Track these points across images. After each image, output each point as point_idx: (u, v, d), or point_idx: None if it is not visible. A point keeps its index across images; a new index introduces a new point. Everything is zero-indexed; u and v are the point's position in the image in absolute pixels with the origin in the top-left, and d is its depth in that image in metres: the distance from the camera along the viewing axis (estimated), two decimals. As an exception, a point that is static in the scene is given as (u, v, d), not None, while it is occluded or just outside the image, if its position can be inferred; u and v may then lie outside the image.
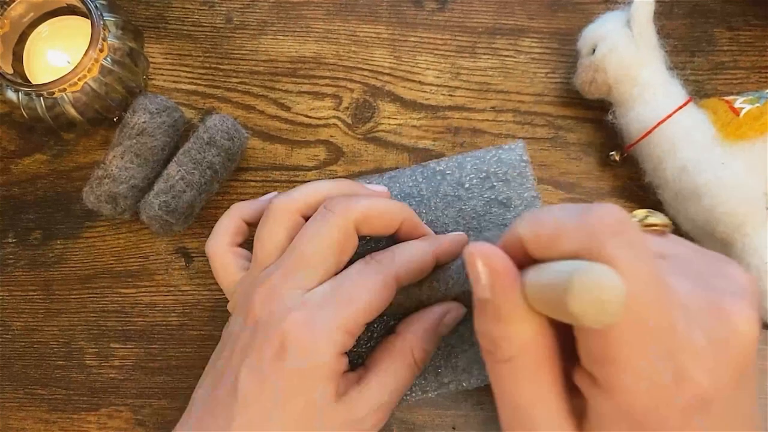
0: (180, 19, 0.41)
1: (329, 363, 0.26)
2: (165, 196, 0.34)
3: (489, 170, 0.34)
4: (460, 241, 0.29)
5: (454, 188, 0.34)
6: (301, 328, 0.25)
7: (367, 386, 0.27)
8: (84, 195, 0.35)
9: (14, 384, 0.36)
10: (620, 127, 0.35)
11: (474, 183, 0.34)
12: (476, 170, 0.34)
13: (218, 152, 0.35)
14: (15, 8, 0.35)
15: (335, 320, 0.25)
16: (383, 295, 0.26)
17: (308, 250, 0.27)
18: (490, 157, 0.34)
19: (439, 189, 0.34)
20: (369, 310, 0.26)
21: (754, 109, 0.32)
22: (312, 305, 0.26)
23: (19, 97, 0.34)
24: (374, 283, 0.26)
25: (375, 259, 0.27)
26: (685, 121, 0.32)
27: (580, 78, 0.35)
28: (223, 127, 0.35)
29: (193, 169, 0.34)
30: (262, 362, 0.25)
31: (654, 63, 0.34)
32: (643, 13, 0.33)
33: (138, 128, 0.35)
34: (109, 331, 0.37)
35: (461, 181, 0.34)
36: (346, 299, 0.26)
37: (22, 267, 0.38)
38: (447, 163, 0.34)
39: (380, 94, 0.39)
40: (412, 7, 0.40)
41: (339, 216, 0.27)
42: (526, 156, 0.34)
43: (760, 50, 0.38)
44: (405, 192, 0.34)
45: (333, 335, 0.25)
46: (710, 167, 0.31)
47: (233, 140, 0.35)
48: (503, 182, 0.33)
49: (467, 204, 0.33)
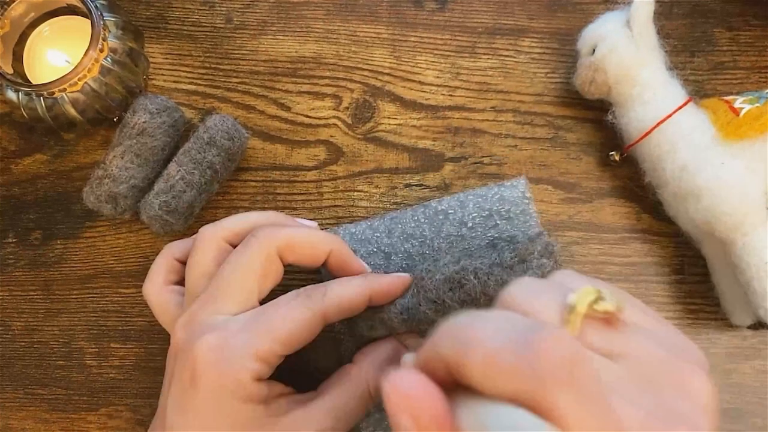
0: (180, 19, 0.41)
1: (243, 386, 0.25)
2: (165, 196, 0.34)
3: (492, 208, 0.33)
4: (400, 283, 0.29)
5: (456, 228, 0.33)
6: (211, 352, 0.25)
7: (313, 409, 0.27)
8: (84, 195, 0.35)
9: (14, 384, 0.36)
10: (620, 127, 0.35)
11: (477, 222, 0.33)
12: (479, 209, 0.33)
13: (218, 152, 0.35)
14: (15, 8, 0.35)
15: (249, 347, 0.25)
16: (307, 329, 0.26)
17: (229, 276, 0.27)
18: (492, 195, 0.33)
19: (442, 229, 0.33)
20: (288, 341, 0.26)
21: (754, 109, 0.32)
22: (228, 330, 0.25)
23: (19, 97, 0.34)
24: (299, 316, 0.26)
25: (306, 292, 0.27)
26: (685, 121, 0.32)
27: (579, 78, 0.35)
28: (223, 126, 0.35)
29: (193, 169, 0.34)
30: (181, 390, 0.25)
31: (654, 63, 0.34)
32: (643, 13, 0.33)
33: (138, 128, 0.35)
34: (109, 331, 0.37)
35: (464, 221, 0.33)
36: (265, 327, 0.25)
37: (22, 267, 0.38)
38: (449, 202, 0.33)
39: (380, 94, 0.39)
40: (412, 7, 0.40)
41: (261, 242, 0.27)
42: (529, 193, 0.33)
43: (760, 50, 0.38)
44: (407, 233, 0.33)
45: (245, 361, 0.25)
46: (710, 167, 0.31)
47: (233, 140, 0.35)
48: (506, 220, 0.33)
49: (471, 243, 0.33)
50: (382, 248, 0.33)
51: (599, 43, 0.34)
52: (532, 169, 0.37)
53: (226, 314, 0.26)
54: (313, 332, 0.27)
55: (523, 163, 0.37)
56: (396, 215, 0.34)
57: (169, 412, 0.26)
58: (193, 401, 0.25)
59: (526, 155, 0.38)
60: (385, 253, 0.33)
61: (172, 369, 0.27)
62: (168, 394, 0.26)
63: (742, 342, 0.35)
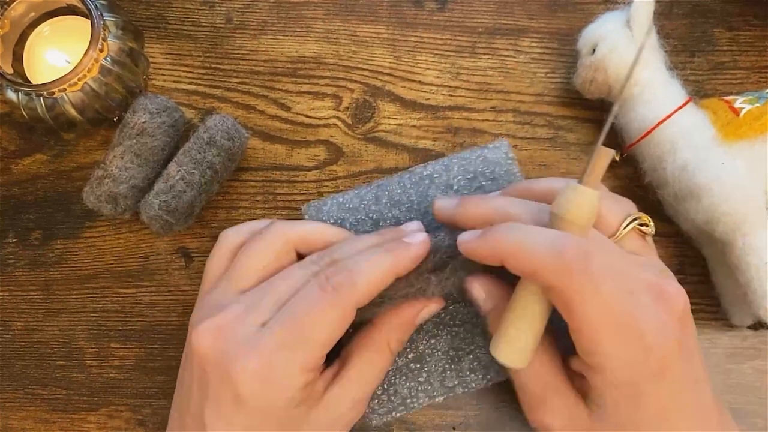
0: (180, 19, 0.41)
1: (293, 398, 0.25)
2: (165, 196, 0.34)
3: (476, 170, 0.34)
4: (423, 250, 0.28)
5: (443, 191, 0.34)
6: (255, 378, 0.25)
7: (347, 382, 0.27)
8: (84, 195, 0.35)
9: (14, 384, 0.36)
10: (620, 127, 0.35)
11: (462, 184, 0.34)
12: (463, 171, 0.34)
13: (218, 152, 0.35)
14: (15, 8, 0.35)
15: (293, 364, 0.25)
16: (343, 325, 0.26)
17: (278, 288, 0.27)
18: (476, 157, 0.34)
19: (428, 193, 0.34)
20: (328, 343, 0.26)
21: (754, 109, 0.32)
22: (266, 349, 0.25)
23: (19, 97, 0.34)
24: (333, 316, 0.26)
25: (331, 284, 0.26)
26: (685, 121, 0.32)
27: (580, 78, 0.35)
28: (224, 127, 0.35)
29: (194, 169, 0.34)
30: (222, 408, 0.25)
31: (654, 63, 0.34)
32: (643, 13, 0.33)
33: (138, 128, 0.35)
34: (109, 331, 0.37)
35: (449, 183, 0.34)
36: (303, 339, 0.25)
37: (22, 267, 0.38)
38: (434, 167, 0.34)
39: (380, 94, 0.39)
40: (412, 7, 0.40)
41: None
42: (512, 153, 0.34)
43: (760, 50, 0.38)
44: (394, 200, 0.34)
45: (293, 380, 0.25)
46: (710, 167, 0.31)
47: (233, 140, 0.35)
48: (491, 181, 0.34)
49: None
50: (370, 215, 0.34)
51: (599, 43, 0.34)
52: (533, 169, 0.37)
53: (258, 325, 0.26)
54: (349, 323, 0.26)
55: (523, 163, 0.37)
56: (382, 182, 0.34)
57: (208, 417, 0.25)
58: (239, 415, 0.25)
59: (526, 155, 0.38)
60: (373, 220, 0.34)
61: (201, 376, 0.26)
62: (203, 406, 0.26)
63: (742, 342, 0.35)
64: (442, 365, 0.32)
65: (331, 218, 0.34)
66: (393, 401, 0.32)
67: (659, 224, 0.36)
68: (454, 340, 0.32)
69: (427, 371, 0.32)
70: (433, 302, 0.29)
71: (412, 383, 0.32)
